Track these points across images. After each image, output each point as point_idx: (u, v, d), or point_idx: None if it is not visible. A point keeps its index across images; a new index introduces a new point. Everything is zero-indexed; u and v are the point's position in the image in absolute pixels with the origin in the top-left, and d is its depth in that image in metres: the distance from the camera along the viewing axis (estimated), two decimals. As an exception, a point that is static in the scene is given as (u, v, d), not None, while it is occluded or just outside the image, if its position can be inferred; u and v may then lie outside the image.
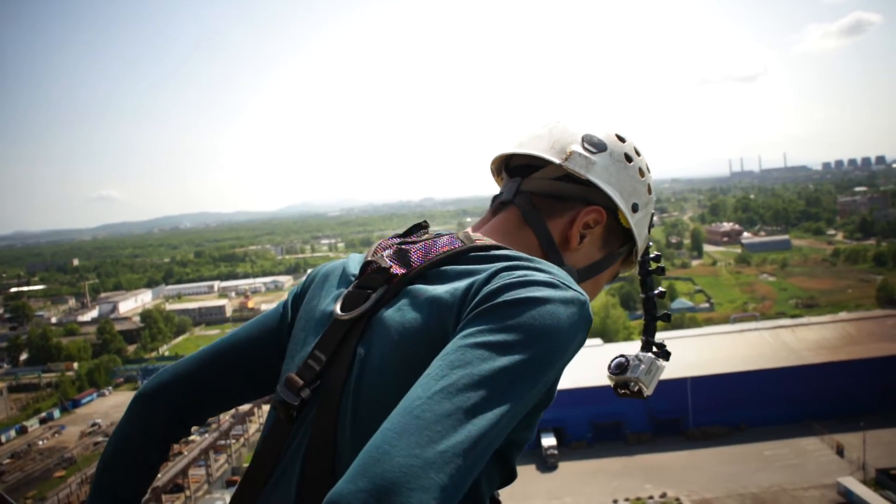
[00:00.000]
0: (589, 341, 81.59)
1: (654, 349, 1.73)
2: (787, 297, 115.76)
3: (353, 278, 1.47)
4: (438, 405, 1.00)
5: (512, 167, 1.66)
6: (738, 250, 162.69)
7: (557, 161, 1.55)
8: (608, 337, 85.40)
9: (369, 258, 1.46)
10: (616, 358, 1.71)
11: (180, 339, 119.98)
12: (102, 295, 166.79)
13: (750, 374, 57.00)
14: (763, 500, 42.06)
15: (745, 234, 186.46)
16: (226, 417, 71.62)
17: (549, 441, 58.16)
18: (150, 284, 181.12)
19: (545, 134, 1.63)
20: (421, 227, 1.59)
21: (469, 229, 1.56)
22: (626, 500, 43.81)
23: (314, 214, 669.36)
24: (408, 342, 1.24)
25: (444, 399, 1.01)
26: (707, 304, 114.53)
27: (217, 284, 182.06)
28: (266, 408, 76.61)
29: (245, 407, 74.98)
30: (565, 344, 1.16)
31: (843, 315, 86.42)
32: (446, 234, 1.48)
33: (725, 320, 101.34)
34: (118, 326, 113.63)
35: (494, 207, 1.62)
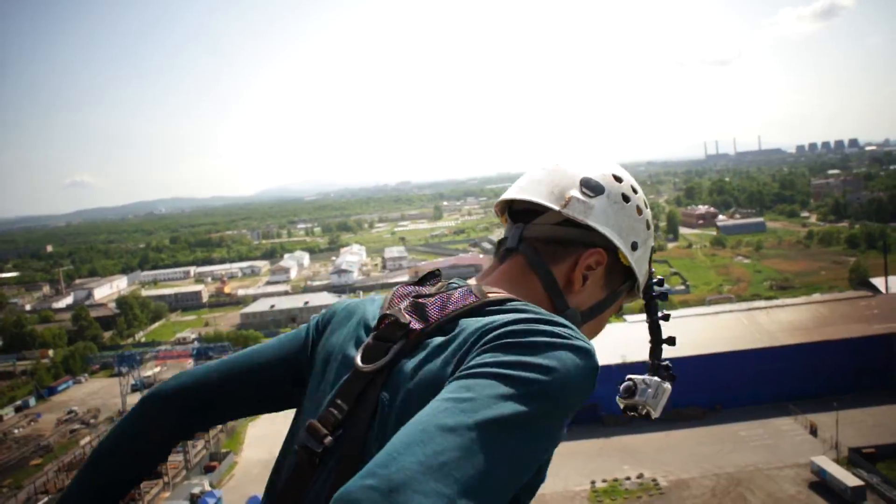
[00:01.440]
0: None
1: (661, 372, 1.78)
2: (761, 279, 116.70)
3: (372, 325, 1.53)
4: (442, 421, 1.06)
5: (514, 211, 1.72)
6: (714, 233, 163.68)
7: (557, 208, 1.60)
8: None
9: (387, 310, 1.50)
10: (624, 381, 1.75)
11: (157, 325, 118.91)
12: (77, 281, 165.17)
13: (725, 355, 57.49)
14: (738, 480, 42.55)
15: (721, 216, 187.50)
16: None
17: (526, 424, 58.54)
18: (126, 270, 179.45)
19: (544, 178, 1.68)
20: (434, 275, 1.65)
21: (477, 278, 1.66)
22: (604, 480, 44.23)
23: (290, 199, 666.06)
24: (426, 393, 1.27)
25: (447, 417, 1.06)
26: (683, 287, 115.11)
27: (193, 270, 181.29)
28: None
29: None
30: (571, 387, 1.20)
31: (816, 296, 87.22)
32: (460, 287, 1.53)
33: (701, 302, 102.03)
34: (93, 313, 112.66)
35: (501, 254, 1.68)
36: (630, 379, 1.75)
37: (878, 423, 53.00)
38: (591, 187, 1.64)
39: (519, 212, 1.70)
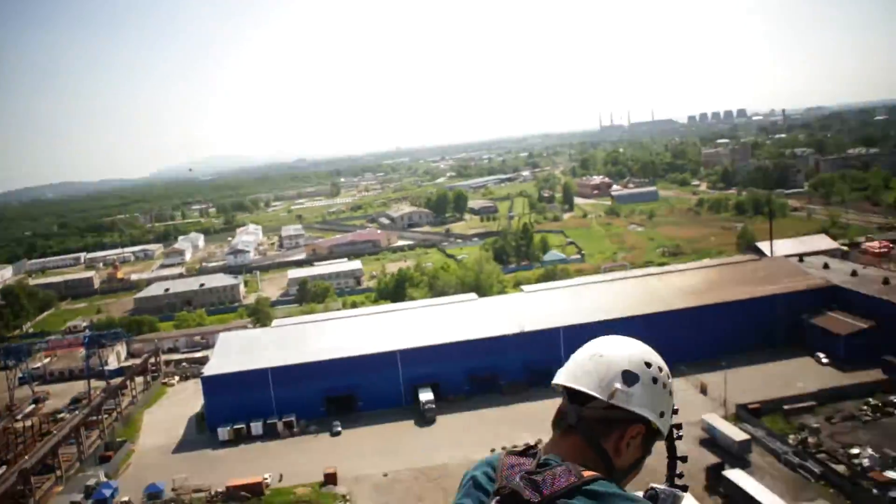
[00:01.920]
0: (463, 296, 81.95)
1: (676, 484, 2.42)
2: (654, 246, 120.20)
3: (490, 489, 2.16)
4: None
5: (570, 390, 2.38)
6: (609, 202, 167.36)
7: (604, 399, 2.30)
8: (482, 291, 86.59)
9: (503, 482, 2.11)
10: (648, 490, 2.36)
11: (45, 314, 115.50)
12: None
13: (620, 321, 59.01)
14: (633, 441, 43.58)
15: (615, 186, 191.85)
16: (97, 392, 69.26)
17: (426, 396, 59.09)
18: (11, 259, 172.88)
19: (592, 369, 2.35)
20: (533, 447, 2.32)
21: (547, 446, 2.34)
22: (503, 448, 44.46)
23: (186, 180, 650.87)
24: None
25: None
26: (578, 256, 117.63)
27: (84, 256, 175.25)
28: (139, 380, 74.32)
29: (116, 380, 72.82)
30: None
31: (706, 261, 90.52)
32: (559, 466, 2.12)
33: (596, 271, 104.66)
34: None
35: (564, 428, 2.38)
36: (652, 488, 2.36)
37: (762, 379, 55.39)
38: (630, 378, 2.31)
39: (574, 392, 2.36)
